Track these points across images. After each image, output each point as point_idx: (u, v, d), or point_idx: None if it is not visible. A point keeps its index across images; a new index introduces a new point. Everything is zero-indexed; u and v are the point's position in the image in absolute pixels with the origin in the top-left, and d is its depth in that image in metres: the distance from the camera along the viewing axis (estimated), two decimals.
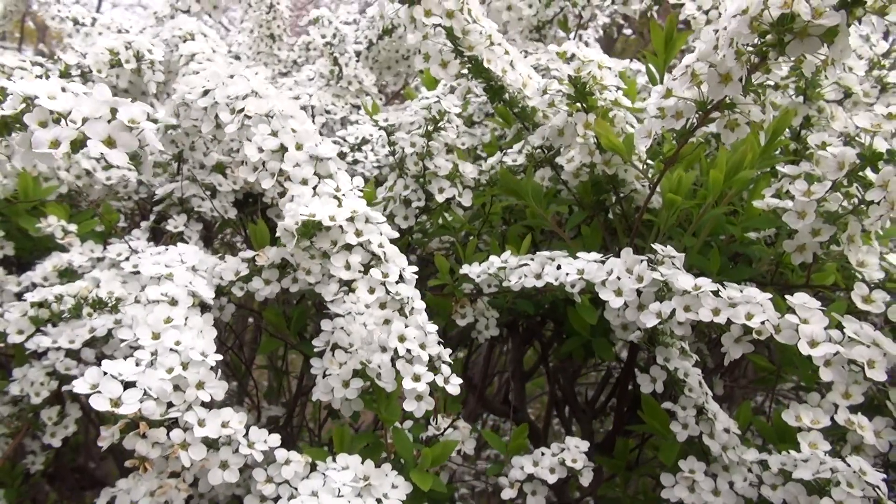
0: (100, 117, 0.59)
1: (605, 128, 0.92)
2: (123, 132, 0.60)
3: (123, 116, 0.60)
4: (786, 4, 0.61)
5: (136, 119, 0.61)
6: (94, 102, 0.59)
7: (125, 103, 0.61)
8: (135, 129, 0.60)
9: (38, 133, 0.57)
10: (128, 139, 0.60)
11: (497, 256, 0.98)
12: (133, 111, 0.61)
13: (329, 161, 0.87)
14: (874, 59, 1.13)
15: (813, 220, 0.84)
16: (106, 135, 0.60)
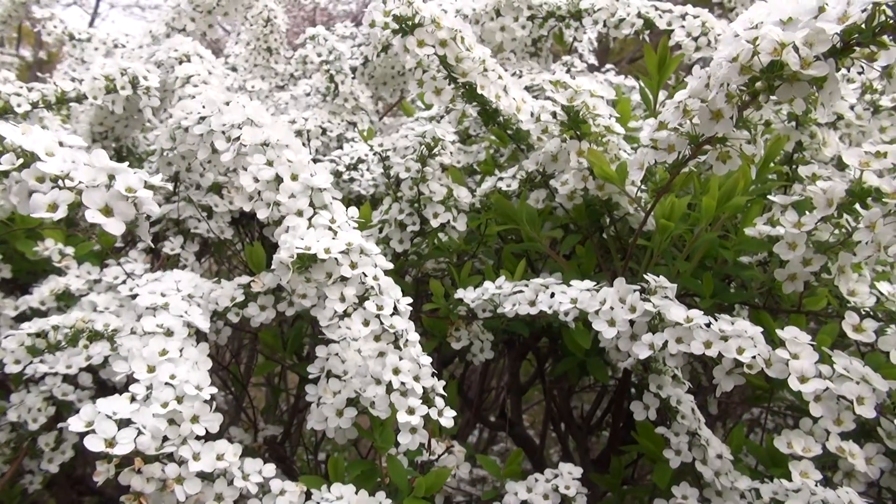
0: (97, 185, 0.59)
1: (598, 157, 0.92)
2: (121, 201, 0.61)
3: (121, 185, 0.61)
4: (775, 52, 0.62)
5: (133, 187, 0.61)
6: (92, 170, 0.60)
7: (123, 170, 0.61)
8: (132, 197, 0.61)
9: (36, 196, 0.58)
10: (125, 208, 0.61)
11: (492, 282, 0.99)
12: (130, 179, 0.61)
13: (324, 192, 0.88)
14: (866, 83, 1.14)
15: (804, 251, 0.85)
16: (103, 203, 0.61)
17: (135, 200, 0.61)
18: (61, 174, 0.59)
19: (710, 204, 0.97)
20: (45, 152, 0.60)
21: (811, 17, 0.62)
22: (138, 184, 0.62)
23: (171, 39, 1.36)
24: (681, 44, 1.14)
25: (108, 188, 0.60)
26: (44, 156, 0.60)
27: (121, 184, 0.61)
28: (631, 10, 1.23)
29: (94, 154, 0.61)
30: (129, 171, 0.62)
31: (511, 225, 1.06)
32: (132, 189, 0.61)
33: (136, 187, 0.62)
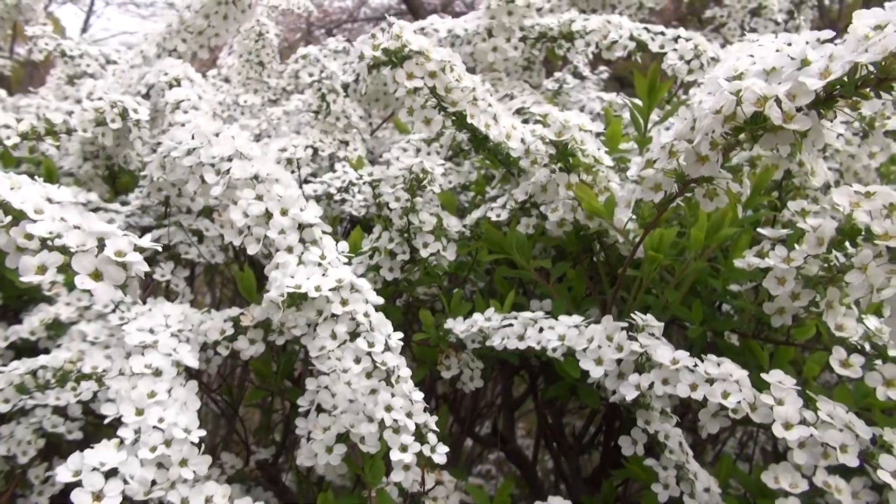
0: (87, 250, 0.59)
1: (586, 192, 0.92)
2: (110, 266, 0.61)
3: (111, 250, 0.61)
4: (758, 103, 0.62)
5: (123, 251, 0.61)
6: (81, 234, 0.60)
7: (112, 234, 0.61)
8: (122, 262, 0.61)
9: (25, 259, 0.58)
10: (115, 273, 0.61)
11: (481, 314, 0.99)
12: (120, 243, 0.61)
13: (314, 227, 0.88)
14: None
15: (793, 286, 0.85)
16: (93, 268, 0.61)
17: (124, 265, 0.61)
18: (50, 235, 0.59)
19: (699, 236, 0.98)
20: (34, 210, 0.60)
21: (794, 69, 0.62)
22: (128, 247, 0.62)
23: (161, 62, 1.36)
24: (674, 67, 1.14)
25: (97, 253, 0.60)
26: (32, 214, 0.60)
27: (110, 249, 0.61)
28: (623, 33, 1.23)
29: (84, 217, 0.61)
30: (119, 235, 0.62)
31: (501, 254, 1.06)
32: (122, 253, 0.61)
33: (125, 251, 0.62)
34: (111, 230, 0.61)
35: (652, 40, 1.19)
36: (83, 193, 1.26)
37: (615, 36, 1.22)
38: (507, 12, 1.32)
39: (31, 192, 0.62)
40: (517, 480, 1.63)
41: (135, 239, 0.63)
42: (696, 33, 1.15)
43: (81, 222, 0.61)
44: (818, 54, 0.61)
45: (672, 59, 1.14)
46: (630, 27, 1.23)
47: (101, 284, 0.60)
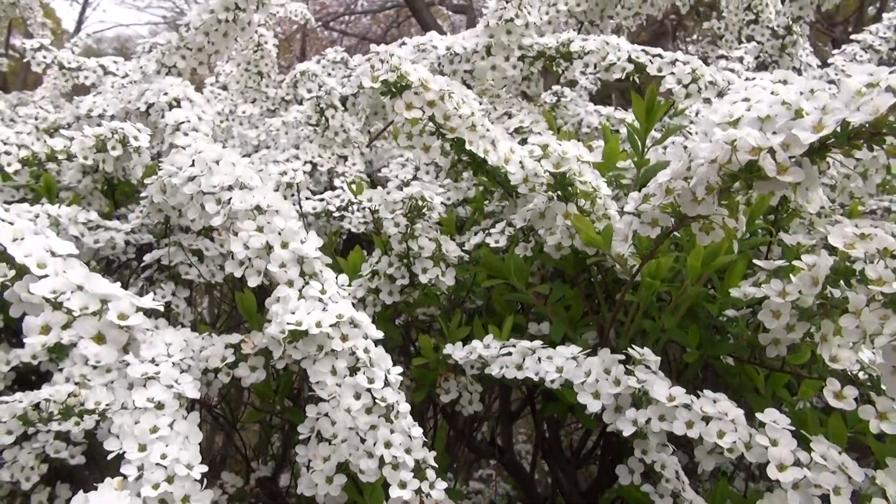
0: (90, 313, 0.60)
1: (583, 222, 0.93)
2: (113, 329, 0.61)
3: (113, 314, 0.61)
4: (753, 152, 0.63)
5: (126, 313, 0.62)
6: (84, 296, 0.60)
7: (115, 296, 0.62)
8: (124, 325, 0.61)
9: (29, 320, 0.59)
10: (117, 336, 0.62)
11: (480, 341, 1.00)
12: (122, 306, 0.62)
13: (314, 260, 0.89)
14: None
15: (788, 319, 0.86)
16: (95, 331, 0.61)
17: (127, 329, 0.62)
18: (54, 295, 0.60)
19: (695, 264, 0.99)
20: (38, 264, 0.61)
21: (788, 119, 0.63)
22: (130, 309, 0.62)
23: (161, 81, 1.36)
24: (672, 91, 1.15)
25: (99, 316, 0.61)
26: (36, 269, 0.61)
27: (113, 312, 0.62)
28: (621, 55, 1.23)
29: (87, 278, 0.62)
30: (121, 297, 0.63)
31: (500, 280, 1.07)
32: (124, 316, 0.62)
33: (128, 314, 0.62)
34: (113, 292, 0.62)
35: (650, 63, 1.20)
36: (83, 213, 1.26)
37: (613, 58, 1.23)
38: (506, 31, 1.32)
39: (34, 244, 0.63)
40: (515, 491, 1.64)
41: (136, 300, 0.64)
42: (694, 56, 1.16)
43: (84, 282, 0.62)
44: (812, 105, 0.62)
45: (670, 83, 1.15)
46: (628, 49, 1.24)
47: (104, 348, 0.61)
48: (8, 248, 0.61)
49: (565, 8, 1.76)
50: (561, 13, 1.77)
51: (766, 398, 1.08)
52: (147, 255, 1.27)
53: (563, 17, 1.78)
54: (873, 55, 2.00)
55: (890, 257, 0.74)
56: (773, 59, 1.58)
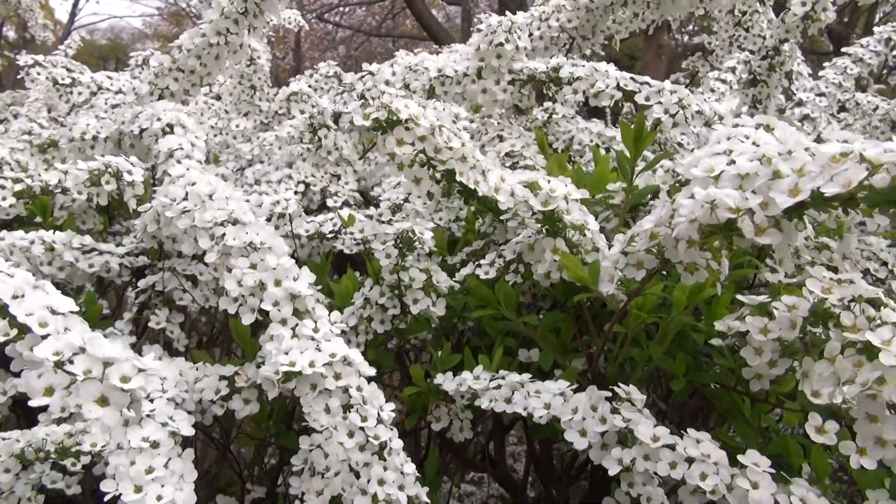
0: (93, 377, 0.62)
1: (571, 261, 0.95)
2: (115, 392, 0.63)
3: (115, 376, 0.63)
4: (732, 211, 0.64)
5: (128, 375, 0.64)
6: (87, 359, 0.62)
7: (117, 358, 0.64)
8: (127, 388, 0.63)
9: (32, 381, 0.60)
10: (120, 398, 0.63)
11: (470, 372, 1.02)
12: (125, 368, 0.63)
13: (307, 297, 0.90)
14: None
15: (769, 357, 0.88)
16: (99, 394, 0.63)
17: (130, 392, 0.64)
18: (57, 357, 0.61)
19: (681, 298, 1.01)
20: (39, 323, 0.63)
21: (767, 180, 0.65)
22: (132, 371, 0.64)
23: (154, 104, 1.37)
24: (660, 119, 1.17)
25: (102, 380, 0.63)
26: (37, 328, 0.62)
27: (115, 375, 0.63)
28: (610, 82, 1.25)
29: (90, 341, 0.63)
30: (124, 359, 0.64)
31: (490, 310, 1.09)
32: (126, 378, 0.64)
33: (130, 376, 0.64)
34: (115, 355, 0.64)
35: (638, 91, 1.21)
36: (77, 238, 1.27)
37: (602, 85, 1.24)
38: (496, 55, 1.33)
39: (35, 302, 0.64)
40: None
41: (138, 361, 0.65)
42: (681, 86, 1.17)
43: (86, 344, 0.63)
44: (788, 167, 0.63)
45: (658, 112, 1.16)
46: (617, 76, 1.25)
47: (107, 410, 0.63)
48: (9, 306, 0.63)
49: (557, 24, 1.77)
50: (552, 28, 1.79)
51: (752, 424, 1.10)
52: (141, 280, 1.28)
53: (554, 32, 1.79)
54: (864, 67, 2.02)
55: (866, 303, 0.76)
56: (762, 77, 1.59)
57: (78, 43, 4.23)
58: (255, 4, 1.31)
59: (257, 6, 1.31)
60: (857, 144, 0.58)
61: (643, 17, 1.75)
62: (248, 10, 1.32)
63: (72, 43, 4.21)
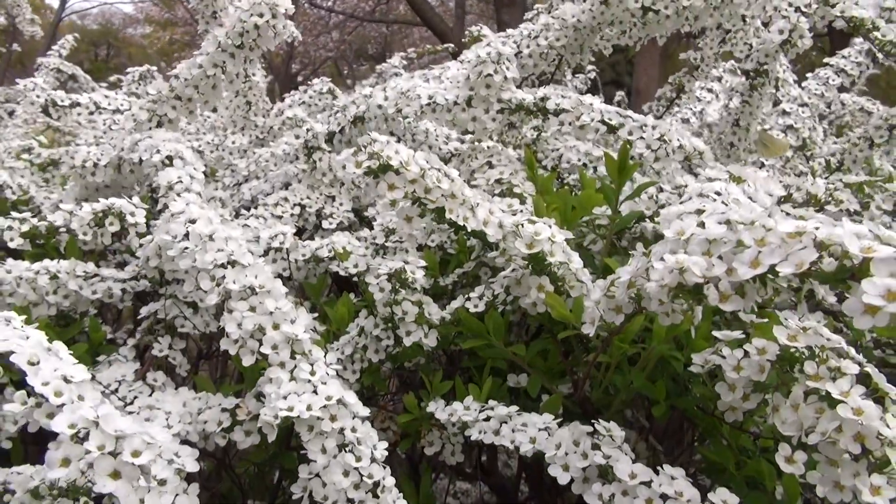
0: (107, 452, 0.66)
1: (555, 300, 1.00)
2: (127, 467, 0.68)
3: (127, 452, 0.68)
4: (702, 277, 0.69)
5: (139, 450, 0.68)
6: (101, 435, 0.67)
7: (130, 434, 0.68)
8: (138, 462, 0.68)
9: (50, 454, 0.65)
10: (131, 472, 0.68)
11: (461, 402, 1.07)
12: (135, 443, 0.68)
13: (304, 340, 0.95)
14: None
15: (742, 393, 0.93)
16: (112, 469, 0.68)
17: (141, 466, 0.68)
18: (73, 430, 0.66)
19: (661, 330, 1.06)
20: (54, 393, 0.67)
21: (732, 247, 0.70)
22: (142, 446, 0.69)
23: (153, 134, 1.41)
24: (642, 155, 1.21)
25: (115, 455, 0.67)
26: (53, 398, 0.67)
27: (127, 450, 0.68)
28: (594, 115, 1.29)
29: (104, 417, 0.68)
30: (136, 434, 0.69)
31: (481, 341, 1.14)
32: (137, 453, 0.69)
33: (141, 450, 0.69)
34: (128, 429, 0.68)
35: (621, 125, 1.26)
36: (80, 265, 1.32)
37: (587, 119, 1.29)
38: (486, 85, 1.38)
39: (49, 370, 0.69)
40: None
41: (149, 437, 0.70)
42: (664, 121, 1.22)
43: (100, 419, 0.68)
44: (750, 238, 0.68)
45: (640, 148, 1.21)
46: (601, 109, 1.29)
47: (119, 483, 0.68)
48: (27, 375, 0.68)
49: (546, 42, 1.81)
50: (542, 46, 1.83)
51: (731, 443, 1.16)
52: (143, 308, 1.33)
53: (543, 49, 1.83)
54: (845, 78, 2.06)
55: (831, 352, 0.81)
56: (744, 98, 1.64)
57: (71, 43, 4.25)
58: (250, 39, 1.34)
59: (253, 40, 1.35)
60: (810, 226, 0.63)
61: (630, 34, 1.78)
62: (243, 45, 1.36)
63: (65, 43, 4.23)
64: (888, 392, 0.77)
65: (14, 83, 2.50)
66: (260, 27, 1.30)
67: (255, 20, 1.30)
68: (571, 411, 1.22)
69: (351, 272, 1.20)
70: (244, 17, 1.31)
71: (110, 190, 1.59)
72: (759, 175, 0.91)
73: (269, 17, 1.29)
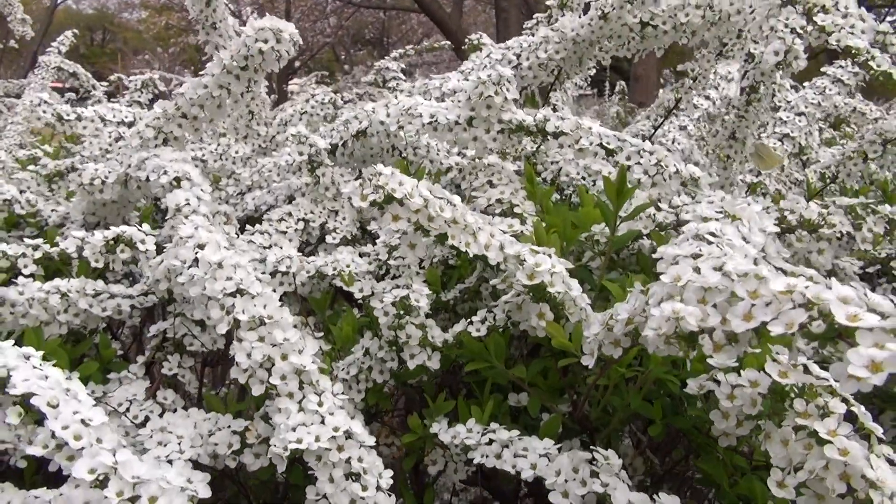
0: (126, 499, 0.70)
1: (555, 329, 1.03)
2: None
3: (145, 497, 0.71)
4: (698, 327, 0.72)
5: (155, 496, 0.72)
6: (120, 482, 0.70)
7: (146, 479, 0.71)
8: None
9: (71, 493, 0.68)
10: None
11: (463, 425, 1.11)
12: (152, 489, 0.71)
13: (312, 371, 0.98)
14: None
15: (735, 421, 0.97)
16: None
17: None
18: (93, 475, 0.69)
19: (657, 357, 1.09)
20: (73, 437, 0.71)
21: (726, 298, 0.73)
22: (159, 492, 0.72)
23: (160, 153, 1.43)
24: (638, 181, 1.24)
25: (133, 501, 0.71)
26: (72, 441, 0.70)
27: (145, 498, 0.71)
28: (593, 139, 1.32)
29: (123, 463, 0.71)
30: (153, 481, 0.72)
31: (483, 364, 1.17)
32: (155, 498, 0.72)
33: (157, 495, 0.72)
34: (145, 475, 0.72)
35: (620, 150, 1.29)
36: (90, 284, 1.34)
37: (585, 142, 1.31)
38: (486, 106, 1.40)
39: (69, 413, 0.72)
40: None
41: (165, 482, 0.73)
42: (660, 146, 1.24)
43: (118, 465, 0.71)
44: (744, 290, 0.71)
45: (637, 173, 1.24)
46: (600, 132, 1.32)
47: None
48: (48, 419, 0.71)
49: (545, 55, 1.83)
50: (541, 58, 1.85)
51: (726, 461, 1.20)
52: (153, 326, 1.36)
53: (543, 61, 1.85)
54: (842, 88, 2.08)
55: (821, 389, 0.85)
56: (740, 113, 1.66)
57: (70, 39, 4.25)
58: (255, 63, 1.37)
59: (258, 63, 1.37)
60: (800, 283, 0.66)
61: (628, 46, 1.80)
62: (248, 67, 1.38)
63: (64, 39, 4.23)
64: (874, 430, 0.81)
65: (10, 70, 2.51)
66: (264, 52, 1.32)
67: (260, 45, 1.32)
68: (571, 428, 1.26)
69: (356, 297, 1.23)
70: (249, 43, 1.33)
71: (117, 204, 1.61)
72: (753, 211, 0.93)
73: (274, 43, 1.31)
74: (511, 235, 1.33)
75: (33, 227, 1.72)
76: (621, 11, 1.63)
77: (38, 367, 0.81)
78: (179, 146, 1.54)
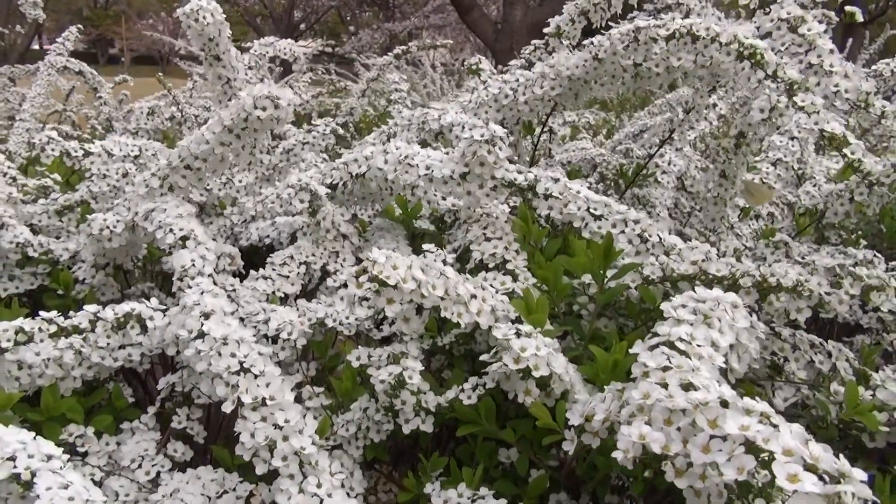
0: None
1: (540, 410, 1.10)
2: None
3: None
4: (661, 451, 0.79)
5: None
6: None
7: None
8: None
9: None
10: None
11: (455, 489, 1.18)
12: None
13: (311, 454, 1.05)
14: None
15: None
16: None
17: None
18: None
19: None
20: None
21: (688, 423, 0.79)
22: None
23: (166, 208, 1.49)
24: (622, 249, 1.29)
25: None
26: None
27: None
28: (581, 204, 1.37)
29: None
30: None
31: (474, 427, 1.24)
32: None
33: None
34: None
35: (606, 218, 1.34)
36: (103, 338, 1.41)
37: (573, 208, 1.36)
38: (480, 164, 1.45)
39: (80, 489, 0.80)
40: None
41: None
42: (643, 214, 1.29)
43: None
44: (704, 419, 0.77)
45: (622, 243, 1.29)
46: (587, 196, 1.37)
47: None
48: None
49: (541, 91, 1.87)
50: (537, 94, 1.89)
51: None
52: (162, 379, 1.43)
53: (539, 96, 1.89)
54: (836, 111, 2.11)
55: None
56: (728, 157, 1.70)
57: (75, 35, 4.27)
58: (256, 119, 1.41)
59: (259, 121, 1.42)
60: (753, 425, 0.72)
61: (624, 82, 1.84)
62: (248, 127, 1.43)
63: (69, 35, 4.26)
64: None
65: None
66: (262, 119, 1.37)
67: (258, 113, 1.37)
68: (559, 481, 1.33)
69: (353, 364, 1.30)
70: (248, 109, 1.37)
71: (125, 247, 1.68)
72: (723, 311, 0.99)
73: (272, 111, 1.36)
74: (504, 293, 1.40)
75: (45, 263, 1.78)
76: (614, 57, 1.67)
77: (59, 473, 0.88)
78: (184, 194, 1.60)
